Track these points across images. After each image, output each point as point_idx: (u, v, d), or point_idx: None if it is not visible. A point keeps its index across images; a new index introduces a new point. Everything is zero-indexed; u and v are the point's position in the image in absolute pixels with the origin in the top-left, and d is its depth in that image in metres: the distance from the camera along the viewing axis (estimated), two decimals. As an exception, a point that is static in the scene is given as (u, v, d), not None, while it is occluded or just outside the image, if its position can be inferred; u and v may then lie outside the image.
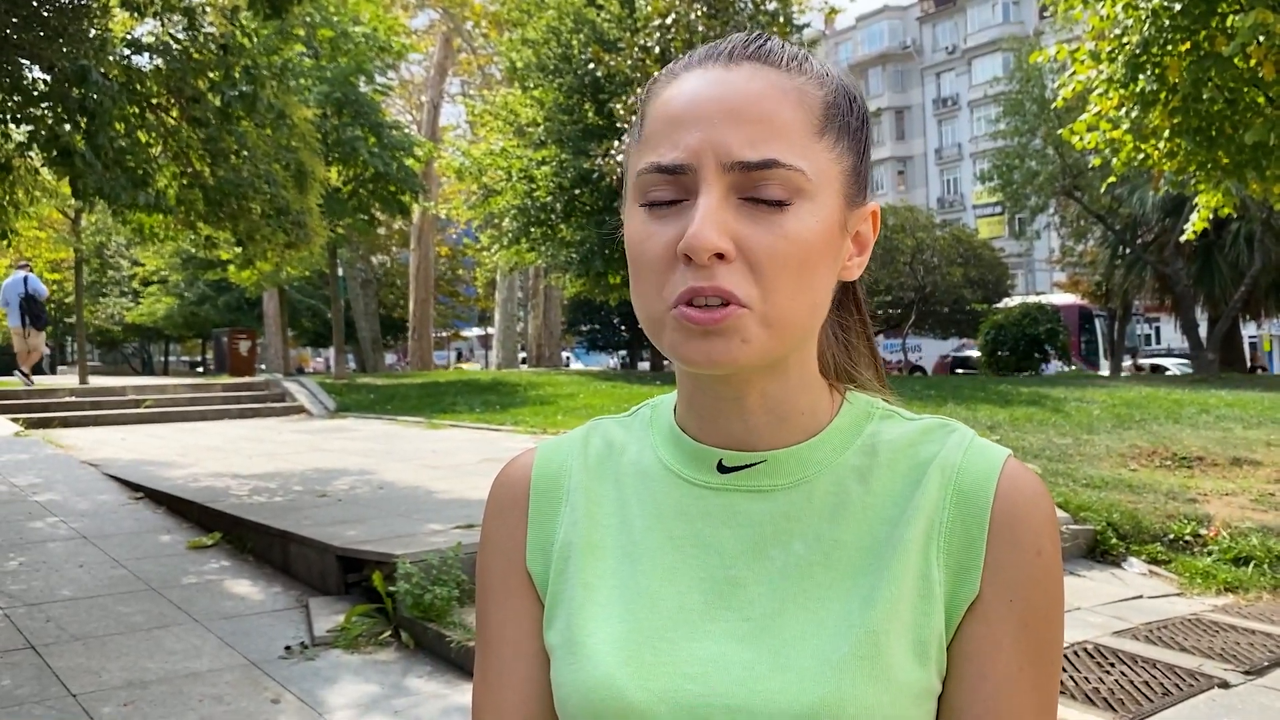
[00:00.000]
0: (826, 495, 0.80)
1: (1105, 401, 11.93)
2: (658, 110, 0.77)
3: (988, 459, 0.79)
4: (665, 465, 0.85)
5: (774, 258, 0.72)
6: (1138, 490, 7.04)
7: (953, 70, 60.50)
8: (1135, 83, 7.93)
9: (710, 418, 0.82)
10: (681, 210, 0.73)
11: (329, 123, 17.29)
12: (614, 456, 0.88)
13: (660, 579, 0.80)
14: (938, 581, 0.76)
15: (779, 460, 0.81)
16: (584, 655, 0.77)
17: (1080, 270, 31.85)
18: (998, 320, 22.59)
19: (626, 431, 0.90)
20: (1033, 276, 50.70)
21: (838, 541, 0.78)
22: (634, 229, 0.76)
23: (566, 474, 0.88)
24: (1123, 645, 4.60)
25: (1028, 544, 0.76)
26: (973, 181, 53.04)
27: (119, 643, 4.62)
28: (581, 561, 0.82)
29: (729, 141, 0.72)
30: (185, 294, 33.23)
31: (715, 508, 0.81)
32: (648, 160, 0.75)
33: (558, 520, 0.86)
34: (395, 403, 14.59)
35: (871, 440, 0.82)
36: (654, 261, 0.74)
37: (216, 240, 9.43)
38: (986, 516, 0.76)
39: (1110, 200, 24.06)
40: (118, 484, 8.17)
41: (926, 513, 0.77)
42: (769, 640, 0.75)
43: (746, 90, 0.74)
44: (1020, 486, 0.77)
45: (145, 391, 14.78)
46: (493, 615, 0.87)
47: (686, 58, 0.80)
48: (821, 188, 0.74)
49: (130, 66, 7.78)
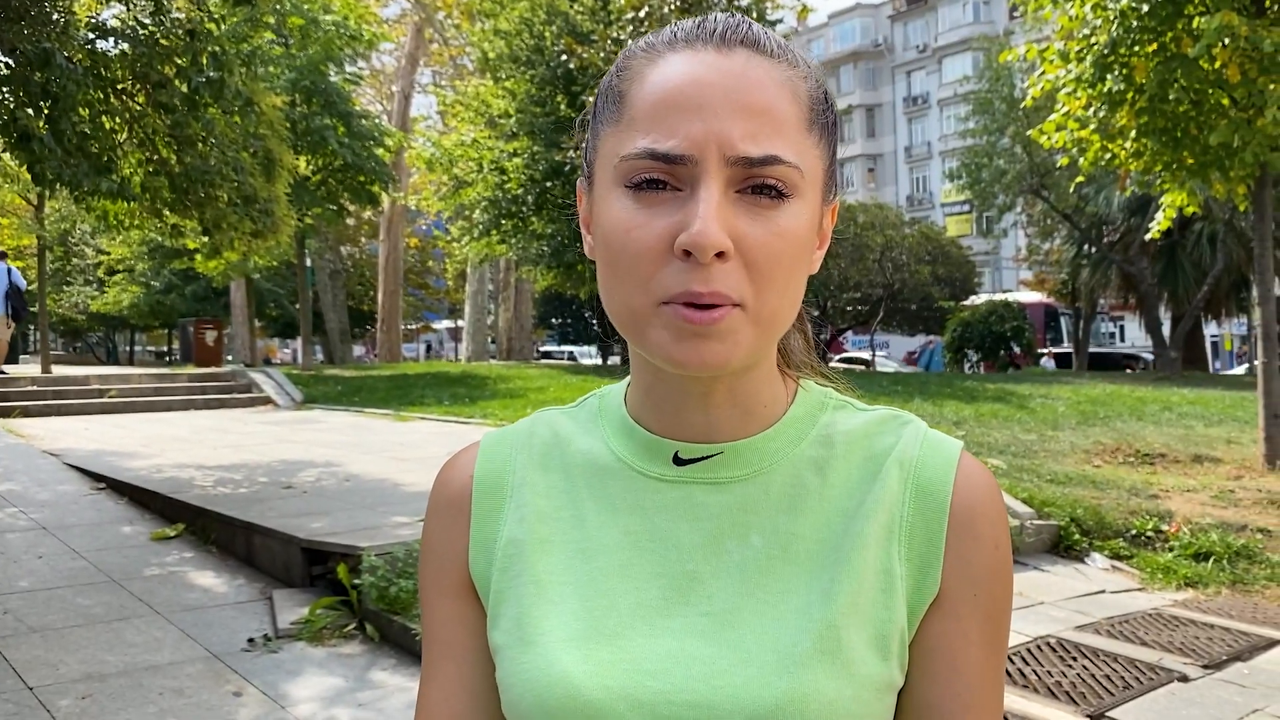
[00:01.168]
0: (783, 487, 0.79)
1: (1070, 398, 12.06)
2: (647, 91, 0.73)
3: (945, 453, 0.79)
4: (619, 457, 0.82)
5: (770, 256, 0.70)
6: (1101, 486, 7.12)
7: (923, 69, 60.83)
8: (1103, 83, 7.98)
9: (670, 410, 0.80)
10: (676, 201, 0.70)
11: (298, 111, 17.12)
12: (561, 448, 0.85)
13: (616, 575, 0.78)
14: (900, 576, 0.75)
15: (736, 452, 0.79)
16: (537, 653, 0.75)
17: (1046, 269, 32.14)
18: (964, 318, 22.80)
19: (574, 422, 0.87)
20: (1000, 275, 51.11)
21: (795, 534, 0.77)
22: (616, 216, 0.72)
23: (510, 469, 0.85)
24: (1085, 639, 4.65)
25: (987, 537, 0.77)
26: (942, 180, 53.37)
27: (78, 635, 4.55)
28: (531, 558, 0.80)
29: (732, 133, 0.69)
30: (151, 283, 32.80)
31: (671, 501, 0.79)
32: (639, 145, 0.70)
33: (502, 517, 0.83)
34: (363, 394, 14.50)
35: (827, 431, 0.82)
36: (642, 253, 0.70)
37: (183, 229, 9.31)
38: (946, 511, 0.77)
39: (1077, 199, 24.28)
40: (79, 474, 8.06)
41: (887, 507, 0.77)
42: (729, 635, 0.74)
43: (748, 79, 0.71)
44: (976, 481, 0.78)
45: (109, 381, 14.59)
46: (434, 618, 0.85)
47: (667, 34, 0.76)
48: (810, 185, 0.74)
49: (95, 51, 7.65)
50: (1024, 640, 4.62)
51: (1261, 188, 8.07)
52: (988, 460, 7.71)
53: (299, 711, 3.79)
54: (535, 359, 32.54)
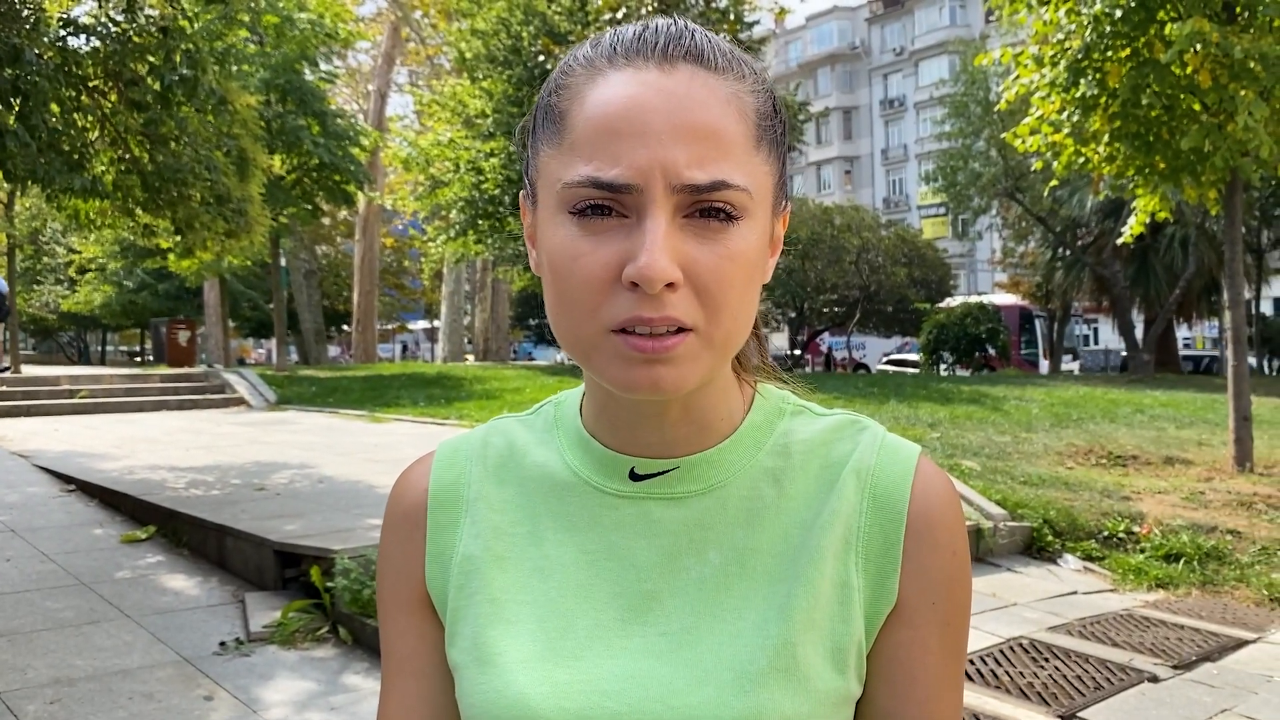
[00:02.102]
0: (741, 500, 0.78)
1: (1044, 400, 12.15)
2: (588, 114, 0.70)
3: (902, 460, 0.78)
4: (575, 473, 0.81)
5: (721, 280, 0.69)
6: (1074, 488, 7.17)
7: (900, 72, 61.07)
8: (1076, 87, 8.05)
9: (625, 427, 0.79)
10: (621, 229, 0.68)
11: (272, 110, 17.01)
12: (517, 460, 0.84)
13: (574, 595, 0.77)
14: (857, 588, 0.75)
15: (692, 466, 0.78)
16: (494, 674, 0.75)
17: (1021, 271, 32.39)
18: (940, 320, 22.94)
19: (530, 432, 0.86)
20: (975, 277, 51.40)
21: (753, 549, 0.77)
22: (561, 243, 0.70)
23: (466, 482, 0.83)
24: (1057, 640, 4.68)
25: (945, 545, 0.77)
26: (918, 182, 53.62)
27: (46, 639, 4.50)
28: (487, 575, 0.79)
29: (677, 160, 0.67)
30: (124, 282, 32.49)
31: (628, 517, 0.78)
32: (581, 172, 0.68)
33: (458, 531, 0.82)
34: (338, 395, 14.42)
35: (784, 439, 0.81)
36: (588, 281, 0.68)
37: (155, 228, 9.22)
38: (903, 520, 0.76)
39: (1051, 203, 24.48)
40: (49, 476, 7.97)
41: (844, 518, 0.76)
42: (686, 654, 0.73)
43: (689, 101, 0.69)
44: (934, 488, 0.78)
45: (80, 381, 14.45)
46: (392, 632, 0.84)
47: (606, 46, 0.73)
48: (759, 203, 0.72)
49: (66, 48, 7.57)
50: (996, 641, 4.64)
51: (1232, 193, 8.16)
52: (961, 463, 7.75)
53: (270, 715, 3.76)
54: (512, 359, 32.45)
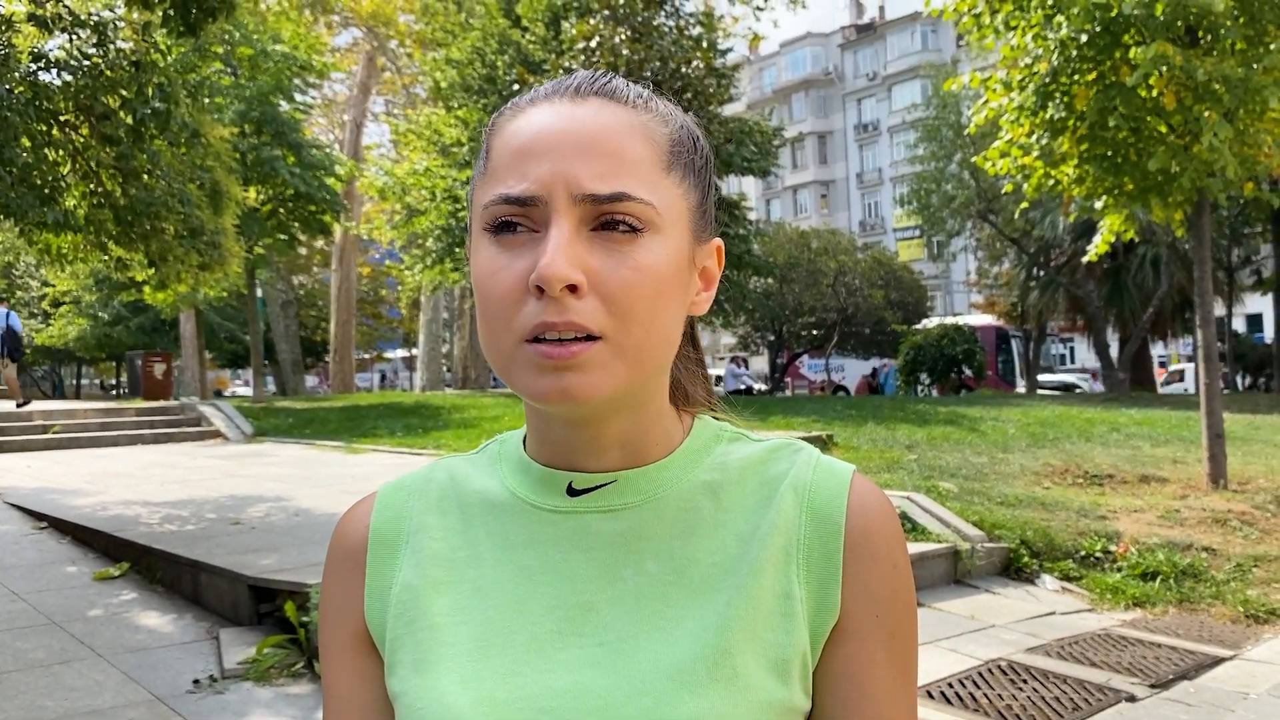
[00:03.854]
0: (678, 512, 0.79)
1: (1020, 420, 12.21)
2: (505, 142, 0.76)
3: (837, 476, 0.80)
4: (514, 493, 0.83)
5: (626, 289, 0.71)
6: (1050, 508, 7.20)
7: (873, 96, 61.66)
8: (1044, 110, 8.15)
9: (562, 452, 0.81)
10: (532, 242, 0.72)
11: (247, 141, 17.01)
12: (458, 489, 0.85)
13: (511, 611, 0.78)
14: (799, 599, 0.76)
15: (629, 479, 0.80)
16: (432, 698, 0.75)
17: (996, 292, 32.64)
18: (917, 341, 23.07)
19: (474, 466, 0.88)
20: (951, 298, 51.75)
21: (690, 559, 0.78)
22: (481, 262, 0.74)
23: (407, 515, 0.85)
24: (1035, 661, 4.69)
25: (884, 558, 0.78)
26: (893, 205, 54.03)
27: (16, 680, 4.43)
28: (426, 602, 0.80)
29: (579, 174, 0.71)
30: (99, 315, 32.24)
31: (566, 532, 0.79)
32: (495, 191, 0.73)
33: (397, 564, 0.83)
34: (314, 426, 14.33)
35: (721, 459, 0.83)
36: (504, 294, 0.72)
37: (129, 262, 9.18)
38: (841, 533, 0.78)
39: (1024, 224, 24.72)
40: (20, 513, 7.88)
41: (783, 531, 0.78)
42: (624, 665, 0.74)
43: (595, 124, 0.74)
44: (870, 503, 0.79)
45: (53, 416, 14.31)
46: (331, 673, 0.84)
47: (531, 93, 0.80)
48: (670, 222, 0.75)
49: (38, 82, 7.55)
50: (974, 664, 4.65)
51: (1199, 213, 8.26)
52: (938, 484, 7.78)
53: (245, 754, 3.71)
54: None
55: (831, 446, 10.07)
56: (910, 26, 58.24)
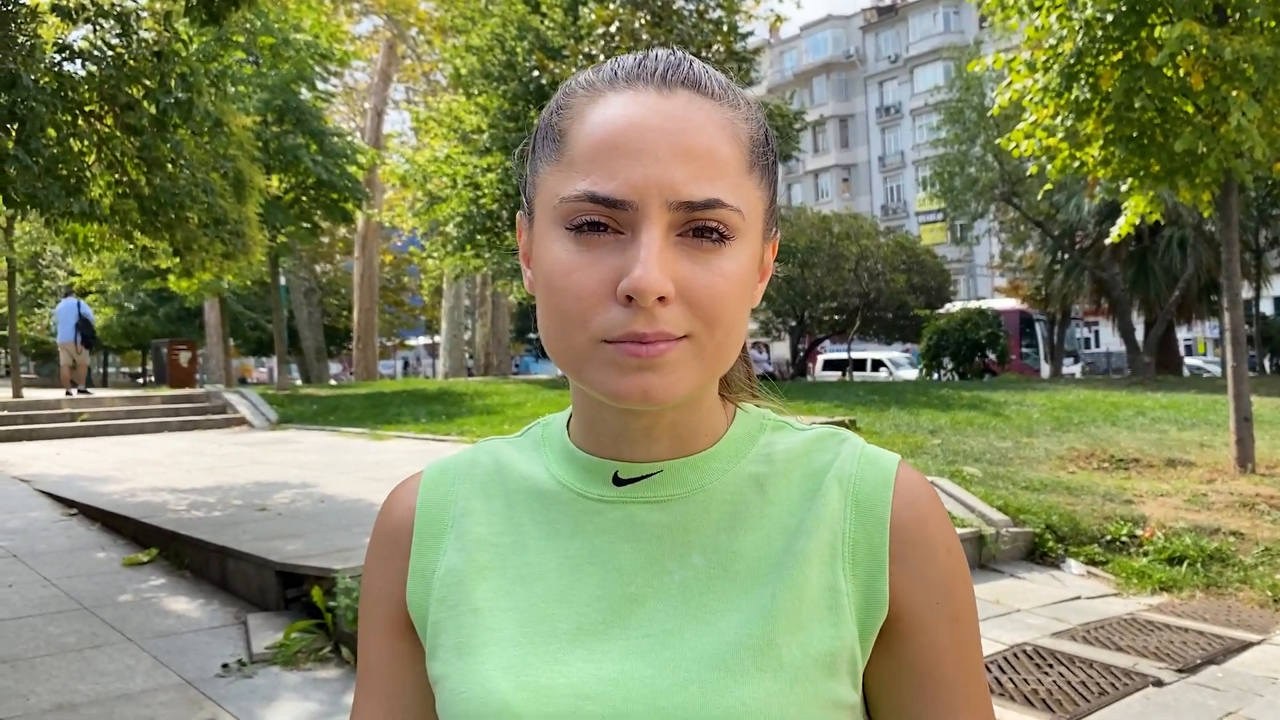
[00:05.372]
0: (724, 504, 0.79)
1: (1044, 405, 12.14)
2: (588, 132, 0.72)
3: (882, 467, 0.80)
4: (559, 481, 0.82)
5: (714, 297, 0.70)
6: (1076, 492, 7.16)
7: (895, 79, 61.21)
8: (1069, 91, 8.07)
9: (611, 439, 0.80)
10: (617, 245, 0.70)
11: (270, 130, 17.07)
12: (503, 475, 0.85)
13: (556, 599, 0.77)
14: (846, 593, 0.76)
15: (675, 470, 0.80)
16: (475, 683, 0.75)
17: (1020, 275, 32.40)
18: (940, 325, 22.92)
19: (518, 451, 0.87)
20: (974, 282, 51.43)
21: (736, 552, 0.77)
22: (557, 258, 0.72)
23: (452, 499, 0.85)
24: (1060, 646, 4.67)
25: (938, 545, 0.78)
26: (916, 188, 53.72)
27: (49, 664, 4.50)
28: (470, 586, 0.80)
29: (674, 179, 0.69)
30: (125, 304, 32.55)
31: (611, 522, 0.79)
32: (579, 187, 0.70)
33: (442, 547, 0.83)
34: (339, 413, 14.42)
35: (766, 449, 0.82)
36: (583, 296, 0.70)
37: (154, 251, 9.25)
38: (886, 527, 0.77)
39: (1048, 207, 24.51)
40: (50, 500, 7.97)
41: (828, 523, 0.77)
42: (669, 655, 0.74)
43: (690, 123, 0.71)
44: (916, 492, 0.79)
45: (81, 404, 14.46)
46: (369, 653, 0.85)
47: (608, 71, 0.76)
48: (751, 225, 0.74)
49: (62, 73, 7.60)
50: (1000, 648, 4.63)
51: (1226, 194, 8.17)
52: (962, 469, 7.75)
53: (273, 737, 3.75)
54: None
55: (854, 432, 10.03)
56: (932, 8, 57.76)
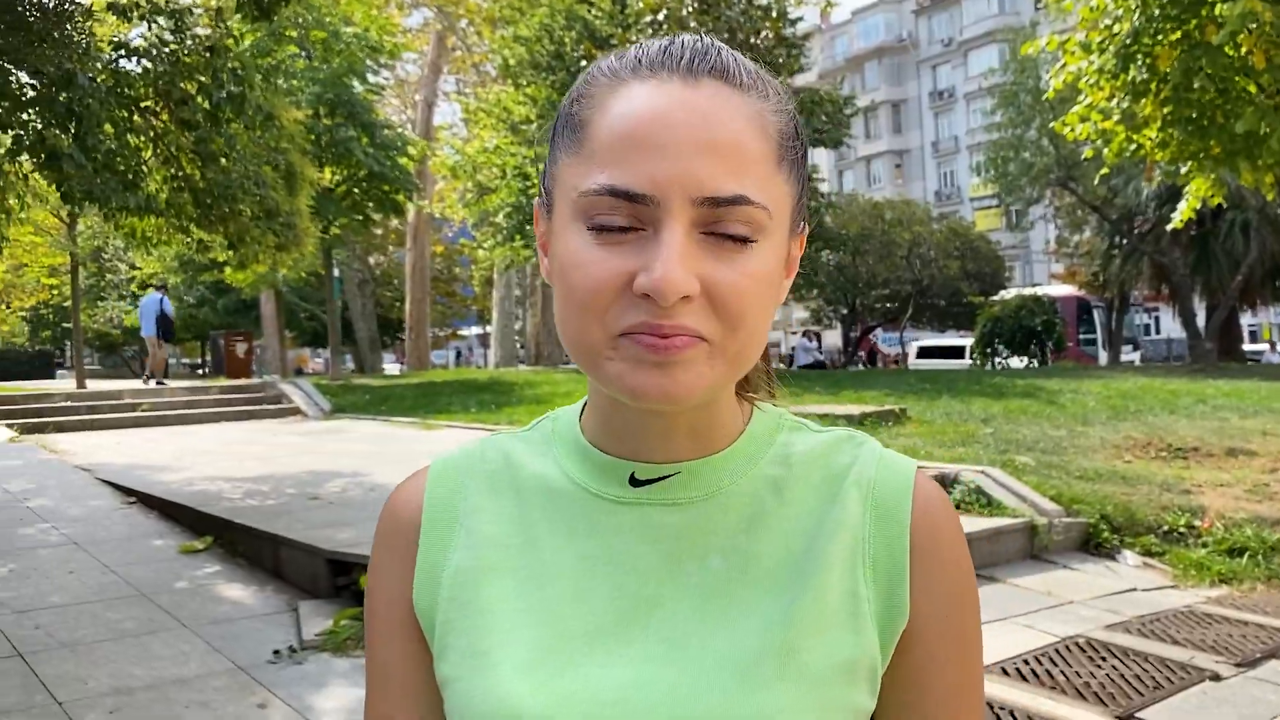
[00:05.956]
0: (742, 507, 0.77)
1: (1101, 393, 11.92)
2: (610, 122, 0.69)
3: (901, 473, 0.79)
4: (573, 480, 0.80)
5: (739, 297, 0.68)
6: (1132, 482, 7.02)
7: (949, 63, 60.37)
8: (1126, 73, 7.91)
9: (627, 437, 0.78)
10: (638, 241, 0.68)
11: (322, 123, 17.27)
12: (513, 472, 0.83)
13: (571, 600, 0.75)
14: (866, 599, 0.75)
15: (693, 471, 0.78)
16: (488, 685, 0.73)
17: (1077, 261, 31.85)
18: (994, 313, 22.58)
19: (527, 446, 0.85)
20: (1030, 268, 50.66)
21: (755, 555, 0.76)
22: (574, 251, 0.69)
23: (461, 495, 0.82)
24: (1114, 639, 4.58)
25: (949, 558, 0.77)
26: (970, 174, 53.00)
27: (107, 649, 4.60)
28: (480, 586, 0.77)
29: (699, 174, 0.66)
30: (184, 297, 33.16)
31: (628, 523, 0.77)
32: (599, 180, 0.68)
33: (451, 545, 0.80)
34: (390, 403, 14.58)
35: (784, 451, 0.81)
36: (600, 290, 0.68)
37: (209, 244, 9.41)
38: (907, 533, 0.76)
39: (1106, 191, 24.04)
40: (110, 489, 8.15)
41: (848, 528, 0.76)
42: (690, 661, 0.72)
43: (716, 116, 0.68)
44: (934, 501, 0.78)
45: (141, 396, 14.76)
46: (378, 654, 0.82)
47: (631, 58, 0.73)
48: (778, 223, 0.72)
49: (118, 70, 7.76)
50: (1051, 640, 4.56)
51: (1290, 175, 7.96)
52: (1015, 458, 7.63)
53: (323, 723, 3.81)
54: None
55: (905, 420, 9.94)
56: (987, -10, 56.83)
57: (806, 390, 13.56)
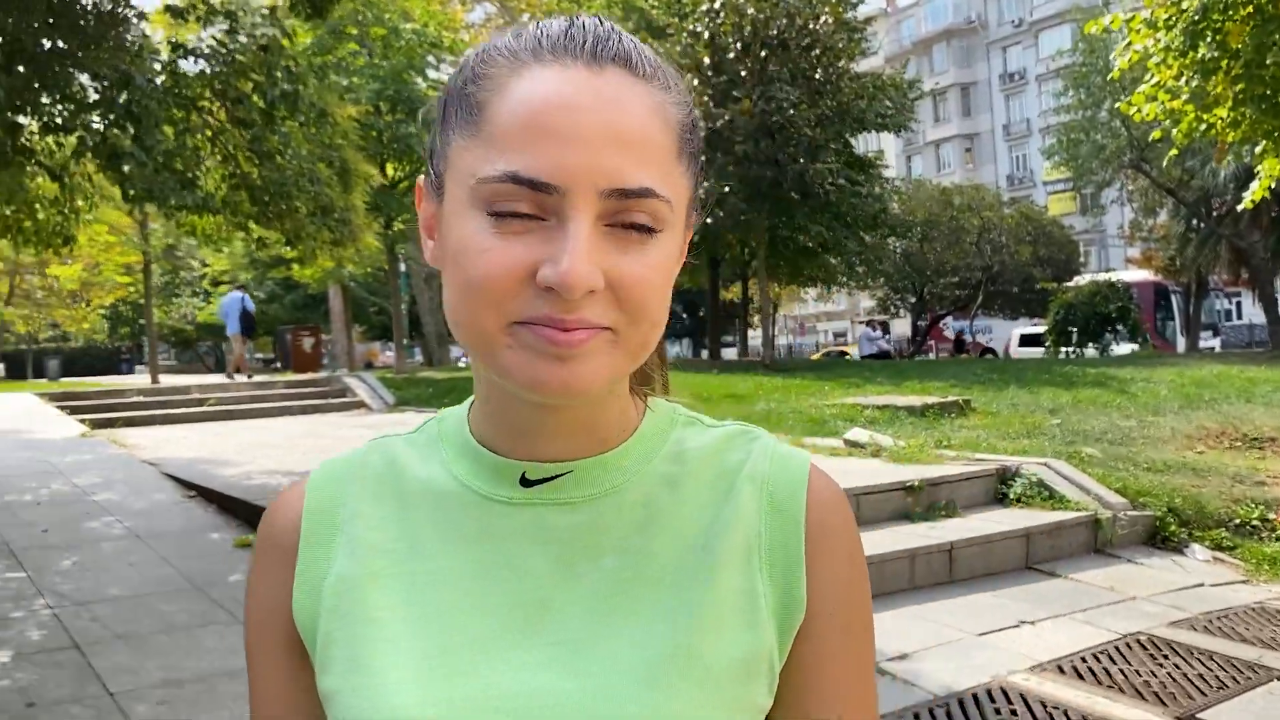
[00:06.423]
0: (636, 505, 0.75)
1: (1174, 381, 11.56)
2: (510, 106, 0.66)
3: (795, 467, 0.78)
4: (461, 482, 0.77)
5: (642, 289, 0.66)
6: (1202, 473, 6.79)
7: (1019, 44, 59.13)
8: (1195, 50, 7.62)
9: (519, 433, 0.75)
10: (540, 230, 0.65)
11: (383, 120, 17.45)
12: (397, 475, 0.79)
13: (461, 607, 0.72)
14: (763, 595, 0.73)
15: (586, 470, 0.75)
16: (374, 697, 0.69)
17: (1153, 245, 31.01)
18: (1068, 299, 22.03)
19: (413, 449, 0.81)
20: (1105, 253, 49.46)
21: (650, 553, 0.74)
22: (471, 237, 0.66)
23: (341, 502, 0.78)
24: (1178, 636, 4.42)
25: (843, 549, 0.77)
26: (1042, 158, 51.87)
27: (159, 641, 4.67)
28: (364, 595, 0.73)
29: (607, 166, 0.64)
30: (254, 292, 33.88)
31: (520, 525, 0.74)
32: (500, 167, 0.64)
33: (332, 554, 0.76)
34: (453, 396, 14.63)
35: (678, 447, 0.79)
36: (497, 280, 0.65)
37: (267, 240, 9.55)
38: (802, 527, 0.75)
39: (1180, 172, 23.34)
40: (173, 482, 8.31)
41: (743, 525, 0.75)
42: (586, 664, 0.70)
43: (622, 105, 0.66)
44: (827, 493, 0.77)
45: (209, 390, 15.08)
46: (257, 669, 0.79)
47: (530, 38, 0.69)
48: (679, 214, 0.71)
49: (175, 70, 7.89)
50: (1111, 638, 4.41)
51: (1372, 152, 7.61)
52: (1081, 449, 7.42)
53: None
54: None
55: (968, 412, 9.73)
56: (1058, -32, 55.53)
57: (868, 381, 13.37)
